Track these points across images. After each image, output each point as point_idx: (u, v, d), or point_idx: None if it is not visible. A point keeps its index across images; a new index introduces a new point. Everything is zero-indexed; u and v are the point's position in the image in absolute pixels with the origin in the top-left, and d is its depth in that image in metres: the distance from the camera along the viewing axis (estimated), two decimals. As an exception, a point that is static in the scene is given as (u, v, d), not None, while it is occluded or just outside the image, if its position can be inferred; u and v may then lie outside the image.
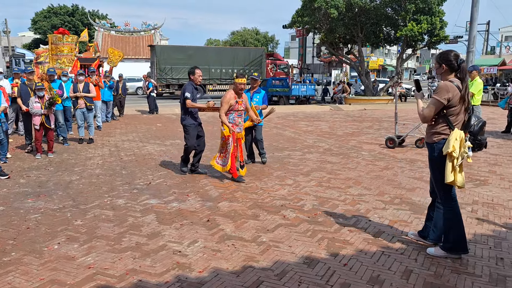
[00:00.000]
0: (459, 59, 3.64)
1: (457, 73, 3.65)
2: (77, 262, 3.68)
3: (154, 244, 4.06)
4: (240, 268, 3.59)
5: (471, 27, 20.40)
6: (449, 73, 3.68)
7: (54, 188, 6.05)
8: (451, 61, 3.64)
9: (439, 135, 3.68)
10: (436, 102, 3.60)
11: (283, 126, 13.41)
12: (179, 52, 27.15)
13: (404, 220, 4.77)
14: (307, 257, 3.80)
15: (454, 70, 3.66)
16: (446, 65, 3.67)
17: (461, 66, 3.63)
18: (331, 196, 5.71)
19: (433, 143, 3.72)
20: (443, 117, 3.64)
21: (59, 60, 11.14)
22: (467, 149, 3.57)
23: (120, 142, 10.21)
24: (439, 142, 3.66)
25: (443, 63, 3.68)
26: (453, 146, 3.52)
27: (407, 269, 3.60)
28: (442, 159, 3.63)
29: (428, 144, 3.81)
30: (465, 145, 3.57)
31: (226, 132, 6.44)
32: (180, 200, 5.47)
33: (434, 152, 3.72)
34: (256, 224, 4.61)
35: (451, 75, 3.67)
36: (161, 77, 26.63)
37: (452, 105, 3.58)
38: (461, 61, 3.64)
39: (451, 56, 3.65)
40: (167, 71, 26.75)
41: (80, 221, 4.68)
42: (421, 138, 9.51)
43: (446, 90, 3.56)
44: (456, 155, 3.53)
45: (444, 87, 3.58)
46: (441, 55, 3.74)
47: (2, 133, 7.32)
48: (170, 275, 3.45)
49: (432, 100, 3.63)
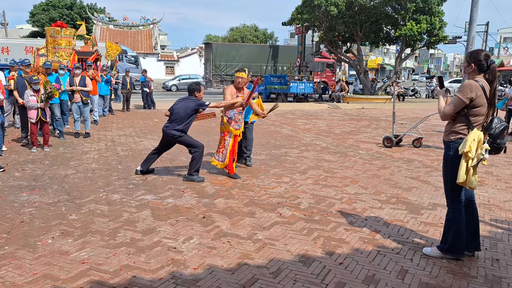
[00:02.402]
0: (490, 60, 3.54)
1: (485, 73, 3.55)
2: (71, 257, 3.65)
3: (149, 240, 4.04)
4: (235, 265, 3.57)
5: (470, 27, 20.40)
6: (477, 73, 3.57)
7: (49, 182, 6.01)
8: (480, 61, 3.53)
9: (456, 134, 3.59)
10: (458, 101, 3.51)
11: (281, 123, 13.39)
12: (232, 50, 28.66)
13: (400, 220, 4.76)
14: (302, 256, 3.78)
15: (482, 71, 3.55)
16: (475, 64, 3.55)
17: (490, 67, 3.52)
18: (328, 194, 5.69)
19: (449, 142, 3.65)
20: (463, 116, 3.56)
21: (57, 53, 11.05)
22: (484, 151, 3.46)
23: (116, 136, 10.16)
24: (456, 142, 3.58)
25: (472, 62, 3.57)
26: (469, 146, 3.43)
27: (402, 268, 3.59)
28: (456, 159, 3.55)
29: (444, 142, 3.72)
30: (483, 146, 3.47)
31: (224, 128, 6.43)
32: (176, 196, 5.44)
33: (449, 151, 3.65)
34: (252, 222, 4.59)
35: (479, 75, 3.56)
36: (216, 73, 27.92)
37: (475, 105, 3.48)
38: (491, 62, 3.53)
39: (481, 56, 3.54)
40: (221, 68, 27.98)
41: (74, 216, 4.65)
42: (418, 138, 9.51)
43: (470, 89, 3.47)
44: (472, 155, 3.45)
45: (468, 85, 3.48)
46: (471, 53, 3.63)
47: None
48: (165, 271, 3.43)
49: (454, 98, 3.54)
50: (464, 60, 3.73)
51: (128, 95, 15.94)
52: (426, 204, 5.34)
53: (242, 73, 6.39)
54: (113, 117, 14.07)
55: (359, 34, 23.31)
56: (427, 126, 12.58)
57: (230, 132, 6.45)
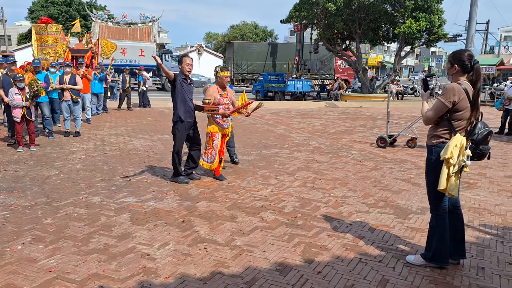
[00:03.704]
0: (473, 60, 3.38)
1: (469, 74, 3.40)
2: (38, 264, 3.51)
3: (123, 246, 3.90)
4: (209, 274, 3.42)
5: (469, 26, 20.26)
6: (461, 74, 3.42)
7: (30, 183, 5.87)
8: (464, 61, 3.37)
9: (439, 138, 3.46)
10: (440, 104, 3.37)
11: (275, 122, 13.23)
12: (254, 48, 29.08)
13: (386, 225, 4.61)
14: (280, 264, 3.64)
15: (466, 71, 3.40)
16: (459, 65, 3.40)
17: (474, 67, 3.37)
18: (314, 197, 5.54)
19: (432, 146, 3.51)
20: (446, 120, 3.42)
21: (43, 50, 10.87)
22: (466, 158, 3.32)
23: (107, 136, 10.02)
24: (438, 145, 3.44)
25: (455, 63, 3.42)
26: (451, 152, 3.29)
27: (383, 278, 3.44)
28: (438, 164, 3.41)
29: (427, 146, 3.60)
30: (465, 153, 3.32)
31: (212, 128, 6.27)
32: (158, 199, 5.30)
33: (431, 155, 3.51)
34: (232, 226, 4.45)
35: (463, 77, 3.41)
36: (237, 72, 28.55)
37: (458, 109, 3.34)
38: (475, 61, 3.37)
39: (464, 56, 3.38)
40: (242, 66, 28.52)
41: (50, 220, 4.51)
42: (413, 138, 9.36)
43: (453, 92, 3.32)
44: (453, 162, 3.31)
45: (451, 89, 3.34)
46: (454, 54, 3.48)
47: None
48: (134, 281, 3.29)
49: (437, 102, 3.40)
50: (447, 61, 3.57)
51: (128, 94, 15.72)
52: (415, 208, 5.19)
53: (226, 72, 6.25)
54: (107, 116, 13.94)
55: (357, 32, 23.12)
56: (423, 126, 12.38)
57: (218, 133, 6.29)
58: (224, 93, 6.24)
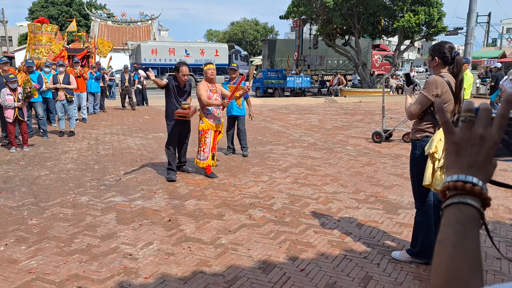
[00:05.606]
0: (454, 52, 3.32)
1: (451, 66, 3.35)
2: (19, 265, 3.48)
3: (106, 246, 3.86)
4: (190, 274, 3.38)
5: (469, 18, 20.00)
6: (442, 67, 3.37)
7: (19, 184, 5.85)
8: (444, 53, 3.32)
9: (423, 132, 3.41)
10: (423, 98, 3.31)
11: (272, 119, 13.17)
12: (289, 45, 28.92)
13: (375, 221, 4.56)
14: (263, 261, 3.59)
15: (447, 63, 3.35)
16: (439, 57, 3.34)
17: (455, 59, 3.32)
18: (305, 194, 5.49)
19: (416, 140, 3.47)
20: (430, 114, 3.37)
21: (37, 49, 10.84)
22: None
23: (101, 135, 9.99)
24: (422, 140, 3.39)
25: (436, 55, 3.36)
26: (435, 147, 3.24)
27: (367, 275, 3.39)
28: (423, 159, 3.36)
29: (411, 140, 3.56)
30: None
31: (204, 125, 6.23)
32: (146, 198, 5.27)
33: (416, 150, 3.46)
34: (218, 225, 4.40)
35: (444, 69, 3.37)
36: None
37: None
38: (456, 53, 3.32)
39: (444, 48, 3.33)
40: (277, 63, 28.60)
41: (35, 220, 4.48)
42: (408, 132, 9.27)
43: (435, 85, 3.27)
44: (438, 156, 3.25)
45: (433, 82, 3.28)
46: (434, 47, 3.43)
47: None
48: (114, 281, 3.25)
49: (419, 96, 3.35)
50: (428, 54, 3.51)
51: (129, 93, 15.54)
52: (405, 203, 5.12)
53: (211, 65, 6.26)
54: (103, 115, 13.91)
55: (356, 26, 22.95)
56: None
57: (210, 130, 6.25)
58: (214, 88, 6.21)
